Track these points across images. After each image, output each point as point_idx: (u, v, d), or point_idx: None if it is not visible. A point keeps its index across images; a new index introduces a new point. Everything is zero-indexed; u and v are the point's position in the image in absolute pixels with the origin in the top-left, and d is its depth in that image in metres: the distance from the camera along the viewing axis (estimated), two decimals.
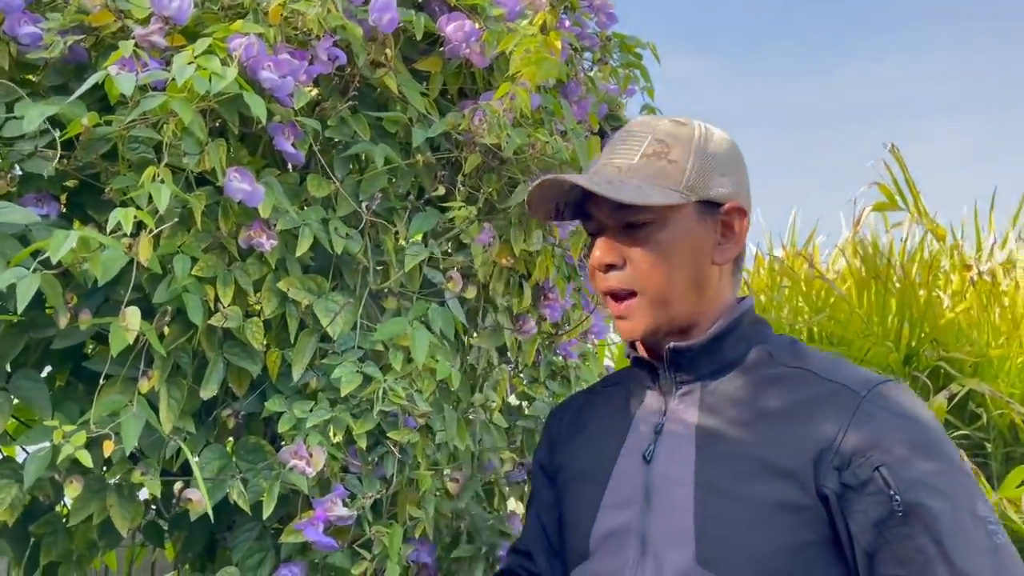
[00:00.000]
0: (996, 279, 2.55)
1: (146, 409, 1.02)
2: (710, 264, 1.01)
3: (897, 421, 0.90)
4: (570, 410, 1.18)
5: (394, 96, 1.29)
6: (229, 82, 0.96)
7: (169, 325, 1.09)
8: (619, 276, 1.00)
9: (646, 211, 0.98)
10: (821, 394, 0.94)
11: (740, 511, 0.91)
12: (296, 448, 1.05)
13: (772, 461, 0.91)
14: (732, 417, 0.97)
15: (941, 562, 0.82)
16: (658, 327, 1.00)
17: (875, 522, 0.86)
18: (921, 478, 0.86)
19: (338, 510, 1.06)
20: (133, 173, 1.02)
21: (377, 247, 1.28)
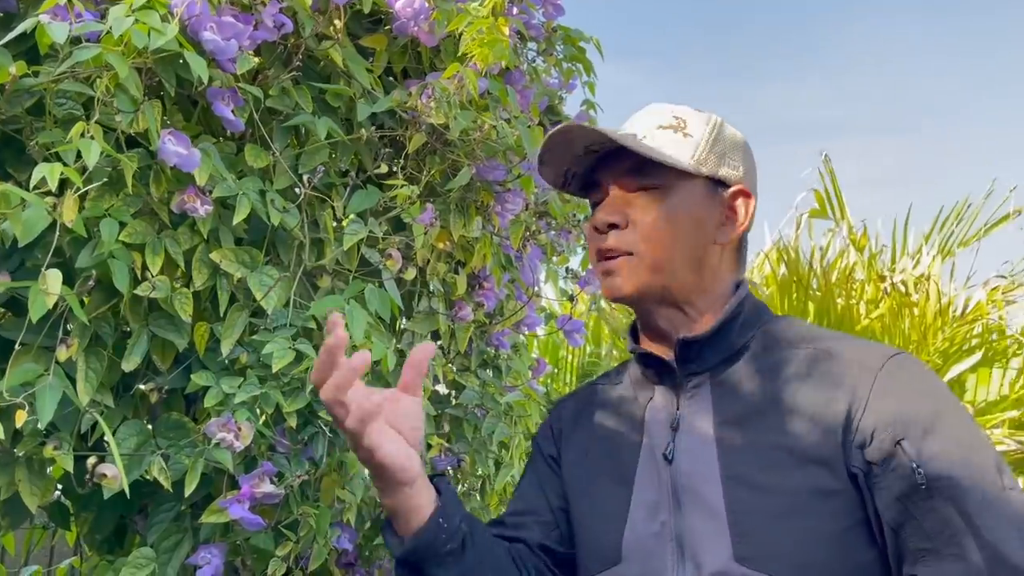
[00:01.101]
0: (908, 290, 2.66)
1: (63, 380, 0.97)
2: (711, 243, 1.01)
3: (914, 394, 0.89)
4: (572, 404, 1.15)
5: (339, 70, 1.26)
6: (169, 39, 0.92)
7: (91, 292, 1.03)
8: (618, 236, 0.98)
9: (658, 174, 0.98)
10: (836, 373, 0.93)
11: (774, 503, 0.89)
12: (225, 421, 1.01)
13: (799, 448, 0.90)
14: (749, 407, 0.95)
15: (968, 534, 0.81)
16: (646, 291, 0.98)
17: (899, 496, 0.84)
18: (942, 449, 0.85)
19: (265, 487, 1.03)
20: (59, 129, 0.96)
21: (314, 223, 1.24)
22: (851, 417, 0.89)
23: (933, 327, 2.59)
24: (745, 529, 0.89)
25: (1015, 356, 2.66)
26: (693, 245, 0.99)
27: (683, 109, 1.03)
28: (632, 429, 1.03)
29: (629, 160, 0.99)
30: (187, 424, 1.12)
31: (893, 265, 2.90)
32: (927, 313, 2.58)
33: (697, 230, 0.99)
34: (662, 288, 0.98)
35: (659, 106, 1.05)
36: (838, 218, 2.92)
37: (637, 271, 0.98)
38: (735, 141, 1.04)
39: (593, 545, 1.02)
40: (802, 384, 0.93)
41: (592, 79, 1.86)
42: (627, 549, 0.96)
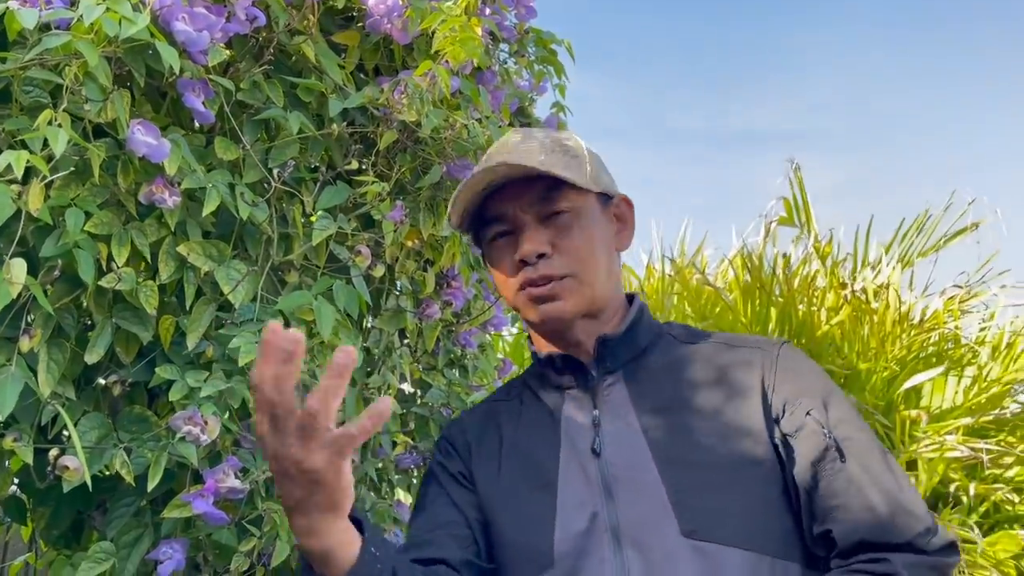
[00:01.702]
0: (868, 298, 2.71)
1: (24, 370, 0.95)
2: (615, 251, 1.10)
3: (810, 372, 1.02)
4: (474, 421, 1.15)
5: (310, 65, 1.25)
6: (140, 28, 0.91)
7: (54, 283, 1.02)
8: (548, 264, 1.03)
9: (564, 198, 1.03)
10: (740, 358, 1.03)
11: (711, 477, 0.95)
12: (191, 414, 1.00)
13: (724, 424, 0.98)
14: (667, 396, 1.02)
15: (871, 484, 0.92)
16: (584, 308, 1.04)
17: (813, 461, 0.94)
18: (841, 417, 0.97)
19: (230, 482, 1.02)
20: (26, 117, 0.95)
21: (282, 218, 1.24)
22: (764, 395, 0.99)
23: (892, 334, 2.64)
24: (688, 505, 0.94)
25: (970, 364, 2.73)
26: (606, 256, 1.07)
27: (550, 132, 1.10)
28: (548, 435, 1.06)
29: (535, 188, 1.04)
30: (150, 418, 1.11)
31: (854, 274, 2.96)
32: (886, 321, 2.63)
33: (605, 242, 1.08)
34: (591, 301, 1.05)
35: (526, 132, 1.10)
36: (804, 226, 2.98)
37: (578, 291, 1.03)
38: (597, 155, 1.13)
39: (522, 553, 1.00)
40: (712, 372, 1.03)
41: (563, 82, 1.88)
42: (558, 551, 0.97)
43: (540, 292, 1.03)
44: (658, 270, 3.35)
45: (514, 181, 1.04)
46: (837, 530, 0.92)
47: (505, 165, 1.01)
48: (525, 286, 1.04)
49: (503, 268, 1.07)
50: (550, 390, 1.09)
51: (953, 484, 2.54)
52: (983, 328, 2.93)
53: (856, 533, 0.91)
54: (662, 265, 3.35)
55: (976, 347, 2.80)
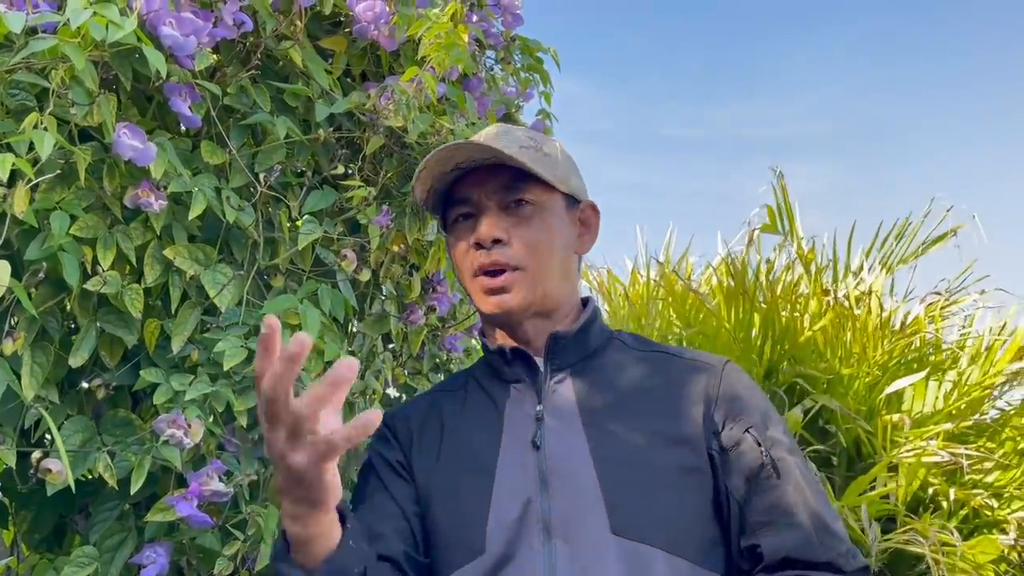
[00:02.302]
0: (851, 304, 2.73)
1: (8, 373, 0.95)
2: (573, 253, 1.12)
3: (750, 391, 1.05)
4: (416, 411, 1.14)
5: (297, 70, 1.26)
6: (127, 33, 0.92)
7: (38, 286, 1.02)
8: (503, 251, 1.05)
9: (529, 191, 1.06)
10: (687, 370, 1.07)
11: (644, 478, 0.97)
12: (174, 417, 1.00)
13: (665, 431, 1.00)
14: (611, 396, 1.04)
15: (799, 504, 0.96)
16: (531, 303, 1.06)
17: (748, 476, 0.98)
18: (776, 438, 1.01)
19: (214, 485, 1.02)
20: (11, 120, 0.95)
21: (268, 222, 1.24)
22: (707, 408, 1.02)
23: (874, 340, 2.66)
24: (619, 503, 0.96)
25: (950, 369, 2.76)
26: (563, 256, 1.09)
27: (530, 131, 1.12)
28: (490, 426, 1.07)
29: (502, 176, 1.06)
30: (134, 422, 1.11)
31: (837, 280, 2.99)
32: (868, 327, 2.66)
33: (565, 242, 1.09)
34: (542, 297, 1.06)
35: (505, 127, 1.12)
36: (788, 233, 3.00)
37: (525, 284, 1.05)
38: (573, 160, 1.16)
39: (457, 540, 1.01)
40: (658, 381, 1.06)
41: (548, 89, 1.89)
42: (490, 537, 0.98)
43: (492, 284, 1.05)
44: (643, 276, 3.36)
45: (483, 167, 1.06)
46: (765, 545, 0.95)
47: (474, 145, 1.02)
48: (479, 273, 1.06)
49: (460, 250, 1.09)
50: (497, 383, 1.10)
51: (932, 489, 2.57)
52: (963, 334, 2.96)
53: (783, 549, 0.94)
54: (647, 271, 3.37)
55: (957, 351, 2.83)
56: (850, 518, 2.30)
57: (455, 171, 1.07)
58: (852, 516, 2.29)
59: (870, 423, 2.62)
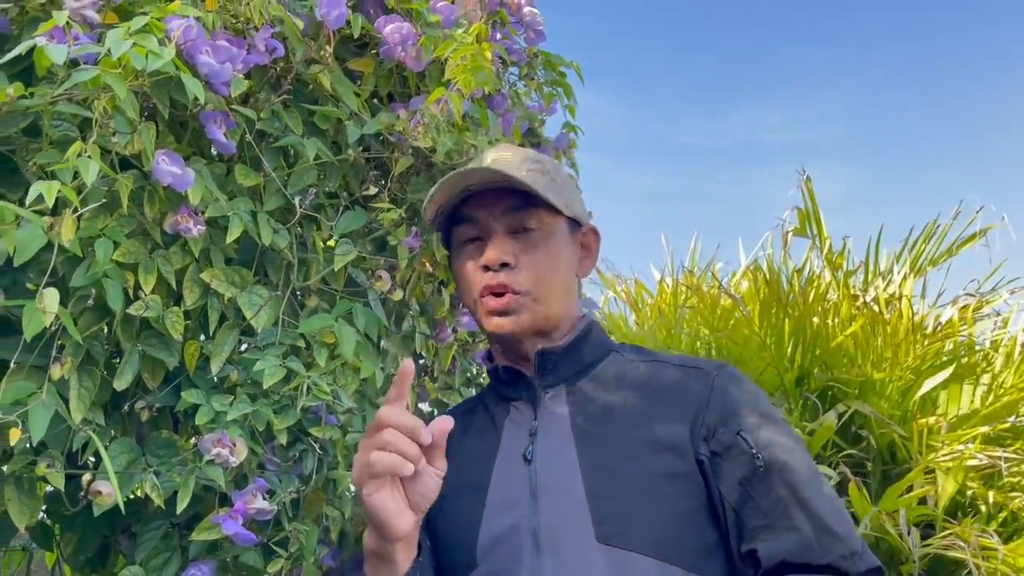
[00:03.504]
0: (880, 308, 2.71)
1: (56, 398, 0.97)
2: (575, 276, 1.14)
3: (745, 395, 1.04)
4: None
5: (326, 93, 1.28)
6: (166, 61, 0.94)
7: (82, 312, 1.04)
8: (510, 275, 1.07)
9: (536, 216, 1.08)
10: (679, 377, 1.06)
11: (630, 486, 0.97)
12: (219, 436, 1.02)
13: (651, 437, 1.00)
14: (602, 407, 1.05)
15: (799, 508, 0.94)
16: (534, 324, 1.08)
17: (741, 480, 0.97)
18: (773, 439, 0.99)
19: (258, 503, 1.04)
20: (55, 149, 0.97)
21: (301, 243, 1.26)
22: (697, 413, 1.01)
23: (905, 344, 2.64)
24: (606, 512, 0.96)
25: (985, 372, 2.72)
26: (565, 279, 1.11)
27: (533, 153, 1.13)
28: (489, 442, 1.11)
29: (510, 200, 1.08)
30: (176, 442, 1.13)
31: (866, 284, 2.96)
32: (899, 330, 2.63)
33: (567, 265, 1.12)
34: (544, 319, 1.09)
35: (510, 147, 1.15)
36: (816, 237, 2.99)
37: (529, 307, 1.07)
38: (575, 183, 1.20)
39: (453, 555, 1.05)
40: (648, 388, 1.06)
41: (572, 103, 1.90)
42: (481, 552, 1.01)
43: (497, 305, 1.07)
44: (670, 284, 3.36)
45: (492, 189, 1.08)
46: (762, 550, 0.94)
47: (486, 170, 1.04)
48: (484, 294, 1.08)
49: (466, 270, 1.11)
50: (499, 402, 1.14)
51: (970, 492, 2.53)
52: (997, 335, 2.92)
53: (780, 553, 0.93)
54: (674, 279, 3.37)
55: (991, 352, 2.80)
56: (888, 524, 2.27)
57: (464, 191, 1.09)
58: (890, 522, 2.27)
59: (904, 427, 2.59)
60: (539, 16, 1.74)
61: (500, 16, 1.67)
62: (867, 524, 2.25)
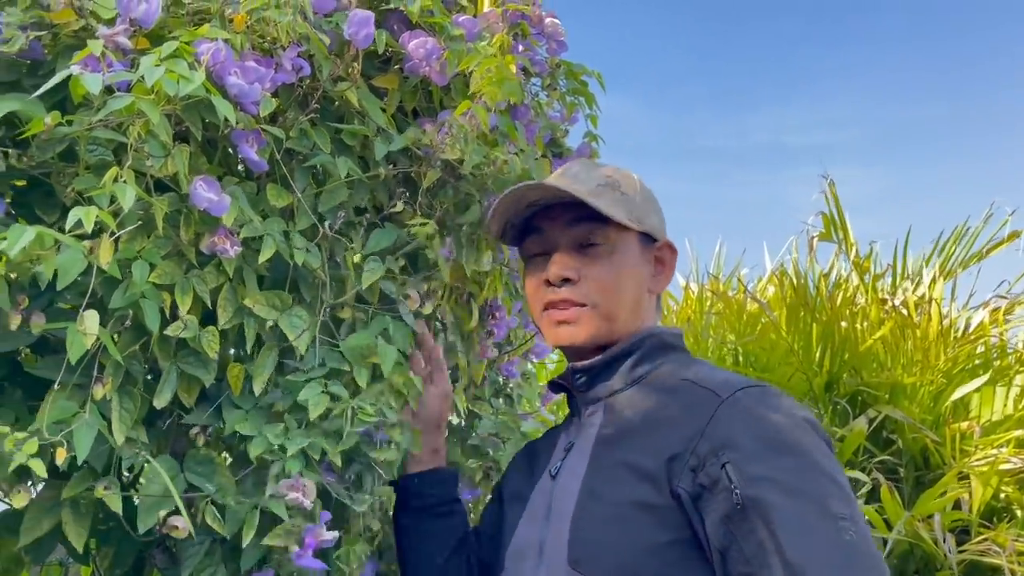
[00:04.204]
0: (910, 312, 2.69)
1: (98, 419, 0.98)
2: (647, 292, 1.12)
3: (751, 421, 0.92)
4: (531, 441, 1.27)
5: (353, 110, 1.29)
6: (197, 85, 0.95)
7: (121, 332, 1.05)
8: (572, 290, 1.07)
9: (602, 231, 1.07)
10: (692, 400, 0.98)
11: (604, 512, 0.96)
12: (294, 482, 1.04)
13: (635, 464, 0.96)
14: (621, 427, 1.03)
15: (774, 553, 0.83)
16: (597, 338, 1.07)
17: (722, 518, 0.87)
18: (765, 474, 0.86)
19: (324, 535, 1.06)
20: (91, 174, 0.99)
21: (333, 261, 1.27)
22: (690, 441, 0.92)
23: (936, 348, 2.61)
24: (580, 535, 0.97)
25: (1018, 374, 2.69)
26: (634, 295, 1.09)
27: (606, 168, 1.14)
28: (546, 454, 1.15)
29: (573, 214, 1.08)
30: (215, 460, 1.14)
31: (894, 287, 2.94)
32: (929, 334, 2.61)
33: (637, 281, 1.10)
34: (609, 334, 1.08)
35: (584, 164, 1.16)
36: (842, 241, 2.97)
37: (593, 321, 1.07)
38: (654, 198, 1.16)
39: (493, 554, 1.15)
40: (667, 410, 1.00)
41: (595, 111, 1.90)
42: (505, 560, 1.09)
43: (560, 316, 1.08)
44: (695, 290, 3.35)
45: (560, 203, 1.08)
46: None
47: (545, 187, 1.06)
48: (548, 307, 1.09)
49: (532, 284, 1.13)
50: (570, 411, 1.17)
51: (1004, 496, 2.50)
52: None
53: None
54: (699, 285, 3.36)
55: None
56: (922, 529, 2.25)
57: (530, 207, 1.09)
58: (924, 527, 2.25)
59: (937, 432, 2.56)
60: (560, 27, 1.74)
61: (522, 28, 1.67)
62: (901, 530, 2.23)
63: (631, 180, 1.12)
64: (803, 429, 0.92)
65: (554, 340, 1.09)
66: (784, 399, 0.96)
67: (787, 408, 0.94)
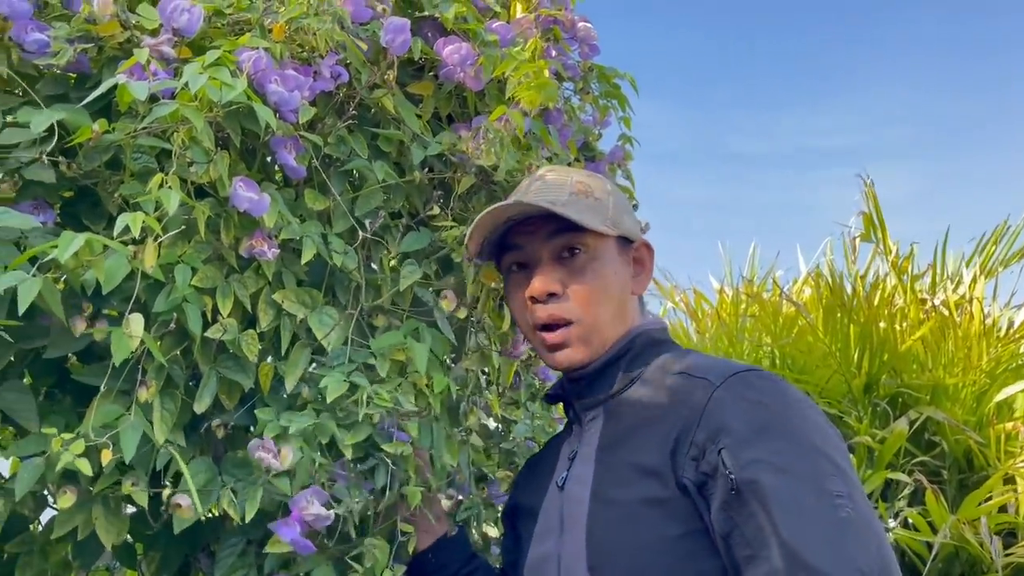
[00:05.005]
0: (950, 312, 2.65)
1: (143, 420, 1.01)
2: (629, 294, 1.11)
3: (745, 405, 0.92)
4: (533, 455, 1.27)
5: (389, 116, 1.31)
6: (238, 92, 0.97)
7: (163, 336, 1.08)
8: (559, 305, 1.07)
9: (581, 240, 1.07)
10: (688, 390, 0.97)
11: (615, 514, 0.95)
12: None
13: (639, 462, 0.96)
14: (623, 429, 1.03)
15: (772, 534, 0.83)
16: (592, 354, 1.07)
17: (721, 505, 0.87)
18: (759, 457, 0.87)
19: (314, 509, 1.04)
20: (137, 181, 1.01)
21: (368, 265, 1.28)
22: (687, 430, 0.92)
23: (977, 347, 2.57)
24: (596, 541, 0.96)
25: None
26: (616, 300, 1.09)
27: (577, 174, 1.13)
28: (551, 464, 1.14)
29: (550, 226, 1.08)
30: (252, 462, 1.16)
31: (934, 287, 2.90)
32: (971, 334, 2.57)
33: (620, 286, 1.10)
34: (600, 345, 1.08)
35: (555, 172, 1.15)
36: (880, 241, 2.94)
37: (583, 337, 1.07)
38: (625, 199, 1.16)
39: (511, 571, 1.14)
40: (663, 405, 0.99)
41: (628, 114, 1.90)
42: (526, 574, 1.08)
43: (552, 339, 1.08)
44: (729, 293, 3.33)
45: (535, 216, 1.08)
46: None
47: (522, 204, 1.05)
48: (538, 329, 1.09)
49: (517, 301, 1.12)
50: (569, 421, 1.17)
51: None
52: None
53: None
54: (733, 288, 3.33)
55: None
56: (968, 532, 2.21)
57: (507, 222, 1.10)
58: (970, 530, 2.21)
59: (980, 433, 2.52)
60: (593, 31, 1.75)
61: (554, 33, 1.68)
62: (947, 533, 2.19)
63: (601, 184, 1.12)
64: (796, 410, 0.92)
65: (552, 364, 1.10)
66: (778, 381, 0.96)
67: (781, 390, 0.94)
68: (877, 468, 2.42)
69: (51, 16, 1.06)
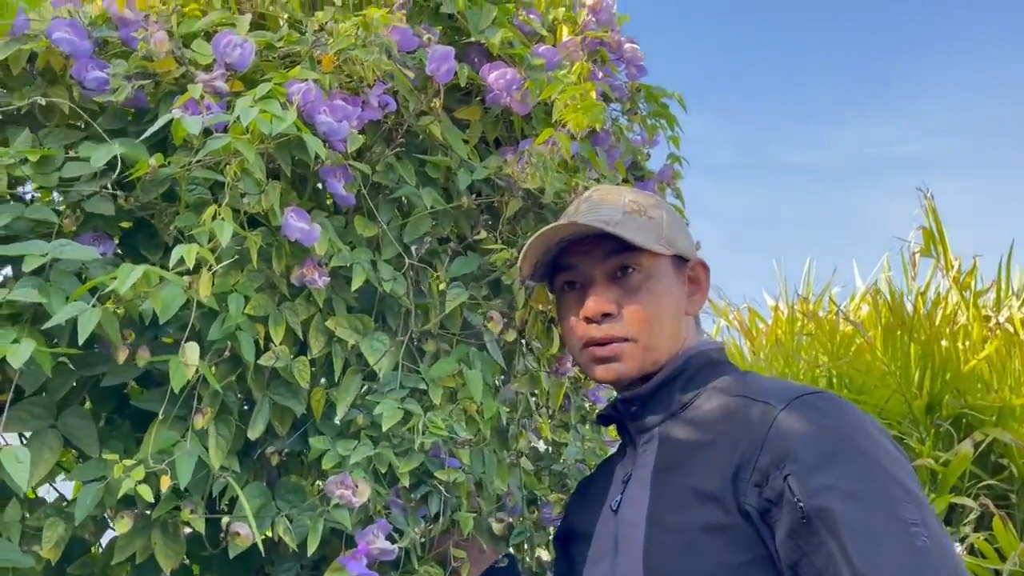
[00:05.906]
0: (1016, 329, 2.56)
1: (199, 446, 1.03)
2: (684, 314, 1.10)
3: (812, 429, 0.89)
4: (585, 478, 1.26)
5: (436, 143, 1.32)
6: (289, 124, 0.99)
7: (217, 364, 1.10)
8: (613, 325, 1.06)
9: (636, 259, 1.06)
10: (748, 414, 0.95)
11: (674, 540, 0.93)
12: (342, 478, 1.05)
13: (699, 488, 0.93)
14: (679, 453, 1.01)
15: (844, 563, 0.80)
16: (643, 371, 1.06)
17: (789, 532, 0.85)
18: (828, 483, 0.84)
19: (380, 543, 1.06)
20: (191, 213, 1.04)
21: (418, 289, 1.29)
22: (750, 456, 0.90)
23: None
24: (655, 566, 0.94)
25: None
26: (673, 319, 1.08)
27: (629, 192, 1.12)
28: (603, 488, 1.12)
29: (605, 247, 1.07)
30: (305, 488, 1.17)
31: (998, 304, 2.81)
32: None
33: (675, 305, 1.08)
34: (653, 363, 1.06)
35: (607, 191, 1.13)
36: (940, 256, 2.85)
37: (636, 354, 1.05)
38: (680, 217, 1.15)
39: None
40: (719, 430, 0.97)
41: (677, 133, 1.89)
42: None
43: (602, 353, 1.06)
44: (784, 311, 3.27)
45: (588, 235, 1.07)
46: None
47: (576, 224, 1.05)
48: (588, 344, 1.07)
49: (569, 320, 1.11)
50: (622, 444, 1.15)
51: None
52: None
53: None
54: (788, 306, 3.27)
55: None
56: None
57: (560, 243, 1.09)
58: None
59: None
60: (639, 51, 1.74)
61: (601, 54, 1.68)
62: (1016, 560, 2.11)
63: (654, 202, 1.11)
64: (864, 434, 0.89)
65: (600, 377, 1.08)
66: (843, 404, 0.94)
67: (846, 412, 0.92)
68: (941, 492, 2.35)
69: (111, 53, 1.10)
